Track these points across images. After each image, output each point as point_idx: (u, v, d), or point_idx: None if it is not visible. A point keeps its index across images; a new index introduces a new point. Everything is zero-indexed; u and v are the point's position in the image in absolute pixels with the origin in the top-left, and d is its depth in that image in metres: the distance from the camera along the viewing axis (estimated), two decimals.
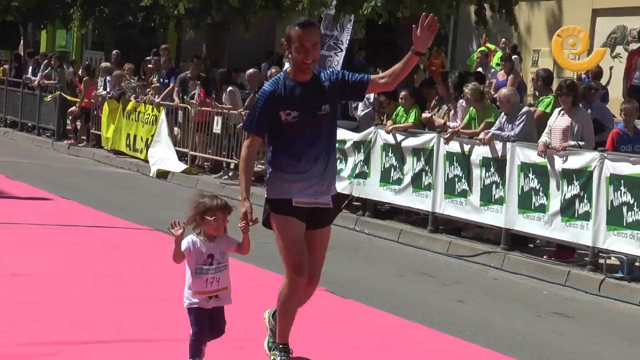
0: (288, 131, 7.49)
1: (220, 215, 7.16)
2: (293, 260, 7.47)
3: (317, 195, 7.54)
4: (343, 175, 18.05)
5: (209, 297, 7.19)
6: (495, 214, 15.01)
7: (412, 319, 10.14)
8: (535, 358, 9.04)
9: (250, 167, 7.67)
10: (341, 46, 19.43)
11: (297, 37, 7.32)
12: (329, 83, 7.57)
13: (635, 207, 12.84)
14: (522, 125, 14.90)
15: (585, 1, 25.80)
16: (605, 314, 11.93)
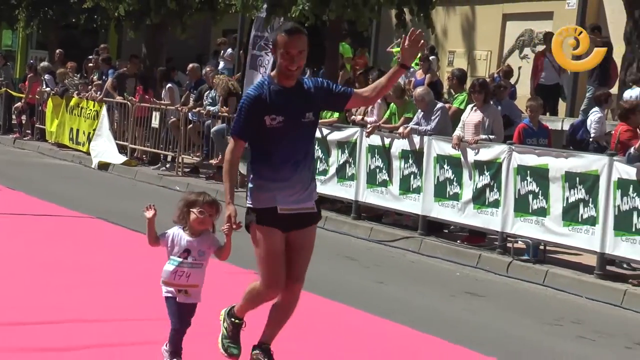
0: (272, 137, 6.92)
1: (207, 209, 6.84)
2: (270, 275, 6.97)
3: (300, 202, 7.01)
4: None
5: (178, 291, 6.83)
6: (413, 202, 15.17)
7: (336, 300, 10.21)
8: (449, 334, 9.11)
9: (234, 171, 7.11)
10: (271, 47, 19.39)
11: (283, 43, 6.79)
12: (314, 90, 7.05)
13: (540, 196, 13.08)
14: (437, 120, 15.08)
15: (497, 7, 26.03)
16: (512, 293, 12.11)
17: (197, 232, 6.87)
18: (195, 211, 6.82)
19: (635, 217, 11.90)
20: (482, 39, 26.58)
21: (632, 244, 11.94)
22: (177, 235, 6.90)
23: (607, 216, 12.20)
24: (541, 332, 9.98)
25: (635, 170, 11.95)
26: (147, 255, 12.00)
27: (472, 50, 26.80)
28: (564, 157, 13.04)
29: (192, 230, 6.87)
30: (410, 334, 9.14)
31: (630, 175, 12.01)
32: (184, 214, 6.89)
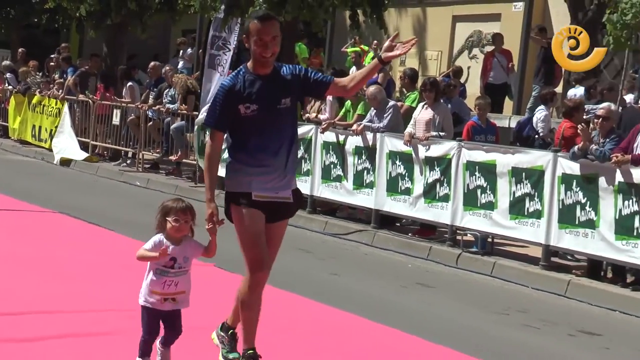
0: (247, 125, 6.73)
1: (182, 216, 6.50)
2: (255, 254, 6.72)
3: (277, 190, 6.78)
4: None
5: (164, 299, 6.54)
6: (366, 197, 15.23)
7: (292, 291, 10.22)
8: (401, 324, 9.15)
9: (214, 165, 6.80)
10: (229, 46, 19.41)
11: (255, 30, 6.60)
12: (291, 77, 6.83)
13: (488, 190, 13.18)
14: (389, 118, 15.13)
15: (446, 9, 26.15)
16: (461, 283, 12.20)
17: (177, 240, 6.59)
18: (170, 220, 6.54)
19: (578, 211, 12.03)
20: (432, 40, 26.68)
21: (576, 236, 12.07)
22: (160, 245, 6.59)
23: (552, 210, 12.32)
24: (489, 321, 10.05)
25: (578, 166, 12.09)
26: (107, 248, 12.06)
27: (423, 51, 26.89)
28: (510, 153, 13.15)
29: (172, 238, 6.58)
30: (364, 324, 9.17)
31: (574, 171, 12.14)
32: (162, 223, 6.61)
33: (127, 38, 26.49)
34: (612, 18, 15.07)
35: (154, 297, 6.53)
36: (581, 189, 12.03)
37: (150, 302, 6.54)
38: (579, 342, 9.55)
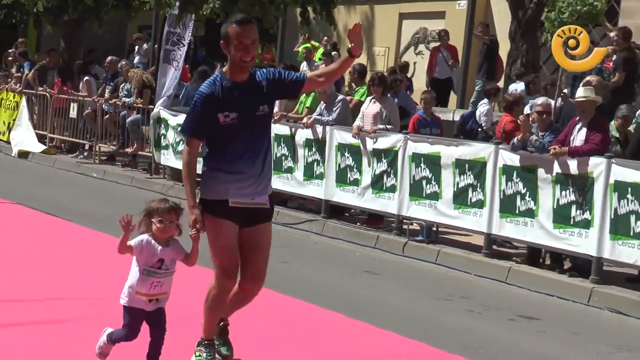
0: (226, 133, 6.45)
1: (166, 217, 6.21)
2: (225, 265, 6.55)
3: (254, 196, 6.55)
4: None
5: (149, 300, 6.28)
6: (316, 187, 15.25)
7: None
8: (349, 310, 9.20)
9: (193, 171, 6.53)
10: (183, 42, 19.37)
11: (235, 34, 6.31)
12: (266, 82, 6.56)
13: (433, 181, 13.26)
14: (338, 111, 15.17)
15: (393, 6, 26.25)
16: (407, 271, 12.26)
17: (165, 241, 6.30)
18: (155, 221, 6.23)
19: (518, 200, 12.15)
20: (380, 36, 26.79)
21: (516, 225, 12.19)
22: (148, 244, 6.27)
23: (494, 199, 12.43)
24: (433, 307, 10.13)
25: (518, 158, 12.20)
26: (64, 238, 11.99)
27: (372, 47, 26.97)
28: (454, 145, 13.23)
29: (159, 240, 6.28)
30: (313, 310, 9.21)
31: (514, 162, 12.25)
32: (147, 224, 6.29)
33: (84, 33, 26.27)
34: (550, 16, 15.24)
35: (139, 298, 6.27)
36: (521, 179, 12.15)
37: (135, 302, 6.28)
38: (519, 326, 9.65)
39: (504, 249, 13.07)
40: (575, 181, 11.52)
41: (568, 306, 10.82)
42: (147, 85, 20.10)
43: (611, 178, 11.11)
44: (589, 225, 11.32)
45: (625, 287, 11.15)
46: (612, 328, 9.90)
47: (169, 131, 18.59)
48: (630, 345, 9.19)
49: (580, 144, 11.59)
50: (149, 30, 28.35)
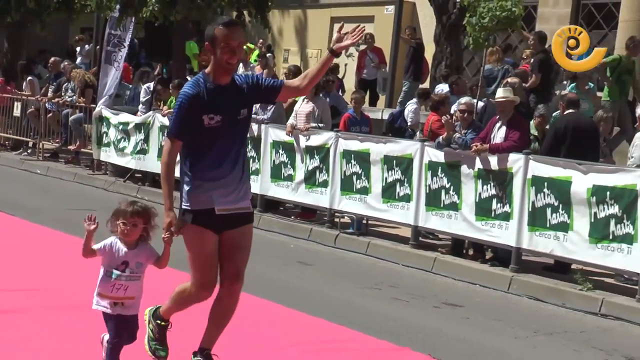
0: (209, 136, 6.03)
1: (130, 220, 5.82)
2: (204, 277, 6.17)
3: (237, 202, 6.18)
4: (126, 151, 17.92)
5: (114, 303, 5.85)
6: (252, 183, 14.93)
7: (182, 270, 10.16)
8: (283, 299, 9.19)
9: (171, 173, 6.09)
10: (124, 44, 19.23)
11: (222, 36, 5.91)
12: (246, 86, 6.18)
13: (363, 176, 13.31)
14: (272, 110, 15.14)
15: (325, 11, 26.31)
16: (339, 262, 12.29)
17: (132, 244, 5.91)
18: (119, 223, 5.85)
19: (443, 195, 12.24)
20: (312, 39, 26.81)
21: (441, 218, 12.28)
22: (115, 246, 5.88)
23: (420, 194, 12.50)
24: (363, 295, 10.17)
25: (443, 154, 12.29)
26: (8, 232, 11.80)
27: (305, 49, 27.01)
28: (383, 142, 13.29)
29: (125, 242, 5.89)
30: (249, 299, 9.12)
31: (439, 159, 12.34)
32: (114, 225, 5.90)
33: (27, 35, 25.89)
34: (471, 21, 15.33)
35: (105, 301, 5.87)
36: (445, 175, 12.24)
37: (102, 305, 5.89)
38: (443, 313, 9.72)
39: (429, 241, 13.17)
40: (495, 176, 11.64)
41: (489, 294, 10.93)
42: (90, 85, 19.96)
43: (529, 173, 11.24)
44: (508, 218, 11.44)
45: (542, 275, 11.30)
46: (530, 314, 10.02)
47: (110, 129, 18.45)
48: (546, 329, 9.32)
49: (500, 142, 11.71)
50: (91, 32, 28.03)
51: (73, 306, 7.91)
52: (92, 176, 18.68)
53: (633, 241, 10.15)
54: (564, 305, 10.37)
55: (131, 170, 17.86)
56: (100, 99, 19.05)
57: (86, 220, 5.83)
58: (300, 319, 8.55)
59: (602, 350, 8.61)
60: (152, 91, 18.36)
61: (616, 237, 10.34)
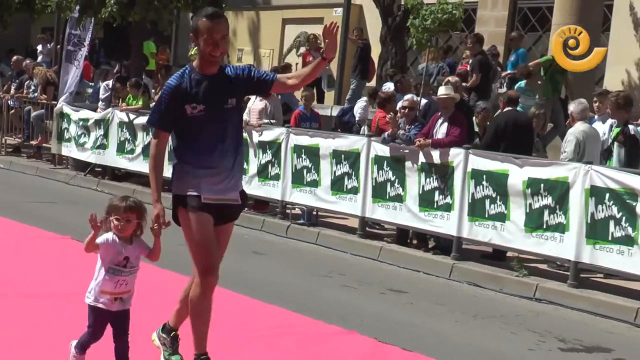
0: (194, 125, 5.78)
1: (123, 216, 5.54)
2: (206, 259, 5.82)
3: (225, 192, 5.89)
4: (87, 146, 17.78)
5: (114, 299, 5.61)
6: None
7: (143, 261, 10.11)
8: (236, 285, 9.16)
9: (160, 165, 5.85)
10: (84, 43, 19.08)
11: (205, 29, 5.65)
12: (235, 76, 5.92)
13: (313, 170, 13.33)
14: None
15: (277, 12, 26.27)
16: (291, 251, 12.31)
17: (128, 239, 5.64)
18: (113, 219, 5.58)
19: (388, 187, 12.31)
20: (265, 39, 26.77)
21: (387, 209, 12.35)
22: (115, 242, 5.61)
23: (367, 186, 12.56)
24: (314, 283, 10.20)
25: (388, 149, 12.36)
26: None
27: (258, 49, 26.95)
28: (331, 138, 13.33)
29: (122, 238, 5.62)
30: None
31: (385, 153, 12.40)
32: (108, 222, 5.62)
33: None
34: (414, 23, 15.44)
35: (104, 298, 5.60)
36: (391, 168, 12.30)
37: (101, 302, 5.60)
38: (389, 299, 9.79)
39: (376, 231, 13.23)
40: (437, 170, 11.73)
41: (432, 280, 11.02)
42: (51, 82, 19.77)
43: (469, 167, 11.35)
44: (450, 209, 11.54)
45: (481, 262, 11.41)
46: (470, 299, 10.13)
47: (71, 125, 18.30)
48: (484, 313, 9.42)
49: (442, 137, 11.80)
50: (52, 31, 27.74)
51: (33, 295, 7.86)
52: (54, 170, 18.51)
53: (565, 230, 10.31)
54: (501, 291, 10.49)
55: (91, 164, 17.72)
56: (61, 96, 18.88)
57: (90, 220, 5.52)
58: (253, 306, 8.56)
59: (536, 332, 8.74)
60: (110, 88, 18.24)
61: (549, 226, 10.49)
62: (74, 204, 14.86)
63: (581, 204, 10.14)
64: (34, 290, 8.10)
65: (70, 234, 11.17)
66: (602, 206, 9.99)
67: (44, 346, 6.61)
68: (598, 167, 10.24)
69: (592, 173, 10.11)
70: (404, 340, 7.82)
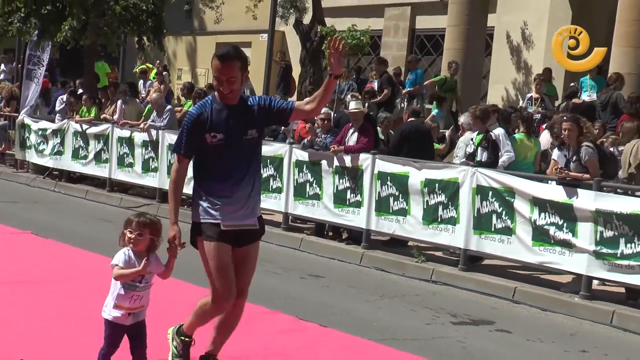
0: (213, 154, 5.19)
1: (136, 229, 4.99)
2: (222, 287, 5.22)
3: (243, 219, 5.27)
4: (45, 153, 17.39)
5: (128, 313, 5.02)
6: (152, 178, 14.93)
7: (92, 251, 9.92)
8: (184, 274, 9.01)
9: (179, 189, 5.31)
10: (43, 62, 18.72)
11: (215, 68, 5.13)
12: (257, 108, 5.29)
13: None
14: (167, 119, 14.88)
15: (211, 37, 26.09)
16: None
17: (143, 254, 5.03)
18: (126, 232, 5.03)
19: (307, 187, 12.27)
20: (201, 60, 26.58)
21: (306, 206, 12.31)
22: (130, 258, 5.02)
23: (289, 187, 12.50)
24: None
25: (307, 154, 12.32)
26: None
27: (195, 68, 26.76)
28: None
29: (137, 253, 5.03)
30: None
31: (305, 158, 12.36)
32: (122, 235, 5.09)
33: None
34: None
35: (119, 312, 5.01)
36: (309, 171, 12.27)
37: (115, 317, 5.00)
38: (309, 283, 9.75)
39: (297, 224, 13.17)
40: (349, 172, 11.74)
41: (345, 266, 11.01)
42: (15, 97, 19.36)
43: (375, 169, 11.38)
44: (360, 205, 11.55)
45: (386, 250, 11.45)
46: (377, 282, 10.14)
47: (31, 134, 17.90)
48: (389, 294, 9.44)
49: (353, 144, 11.82)
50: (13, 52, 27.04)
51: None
52: (16, 174, 18.03)
53: (456, 223, 10.41)
54: (404, 275, 10.54)
55: (49, 168, 17.33)
56: (23, 109, 18.50)
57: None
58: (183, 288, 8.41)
59: (432, 309, 8.79)
60: (65, 102, 17.91)
61: (443, 219, 10.58)
62: (34, 203, 14.54)
63: (469, 200, 10.25)
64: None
65: (30, 229, 10.91)
66: (486, 202, 10.12)
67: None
68: (483, 169, 10.35)
69: (478, 174, 10.23)
70: (320, 317, 7.79)
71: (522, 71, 19.74)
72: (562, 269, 9.52)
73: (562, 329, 8.43)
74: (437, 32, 20.82)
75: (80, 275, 8.63)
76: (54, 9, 17.66)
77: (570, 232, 9.27)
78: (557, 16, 18.95)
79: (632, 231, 8.74)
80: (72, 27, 17.33)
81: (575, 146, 9.62)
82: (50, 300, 7.40)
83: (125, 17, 17.92)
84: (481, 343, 7.55)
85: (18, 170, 18.43)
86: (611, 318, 8.75)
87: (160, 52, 20.99)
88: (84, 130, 16.40)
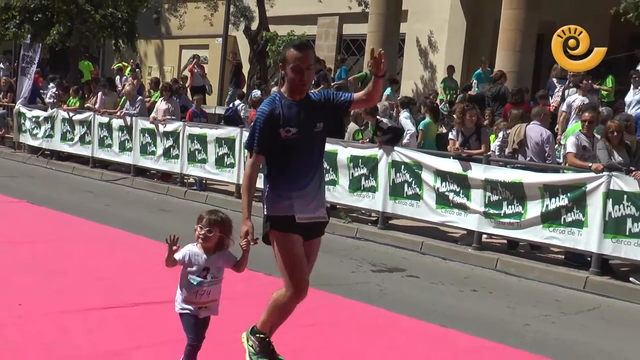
0: (286, 148, 4.33)
1: (206, 226, 4.20)
2: (298, 276, 4.33)
3: (315, 210, 4.40)
4: (38, 136, 16.88)
5: (199, 307, 4.18)
6: (127, 157, 14.56)
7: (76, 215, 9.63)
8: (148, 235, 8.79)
9: (252, 185, 4.36)
10: (34, 61, 18.18)
11: (293, 58, 4.27)
12: (319, 102, 4.47)
13: (202, 151, 12.98)
14: (139, 107, 14.56)
15: (175, 41, 25.62)
16: (187, 209, 11.75)
17: (211, 249, 4.23)
18: (198, 228, 4.24)
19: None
20: (167, 60, 26.06)
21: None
22: (194, 254, 4.23)
23: (240, 162, 12.28)
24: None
25: None
26: None
27: (162, 66, 26.19)
28: (215, 129, 13.04)
29: (205, 249, 4.23)
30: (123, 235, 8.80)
31: None
32: (195, 230, 4.28)
33: None
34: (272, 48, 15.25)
35: (190, 305, 4.19)
36: None
37: (187, 309, 4.19)
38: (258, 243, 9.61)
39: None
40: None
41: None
42: (12, 89, 18.79)
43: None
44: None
45: None
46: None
47: (26, 121, 17.38)
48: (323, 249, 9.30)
49: None
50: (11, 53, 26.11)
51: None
52: (14, 153, 17.46)
53: (375, 191, 10.41)
54: (334, 233, 10.49)
55: (42, 149, 16.81)
56: (18, 100, 17.94)
57: (167, 240, 4.20)
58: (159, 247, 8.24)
59: (356, 260, 8.79)
60: (55, 93, 17.43)
61: (365, 188, 10.56)
62: (29, 177, 14.10)
63: (385, 173, 10.25)
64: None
65: (26, 199, 10.58)
66: (400, 174, 10.13)
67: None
68: (398, 147, 10.35)
69: (393, 153, 10.23)
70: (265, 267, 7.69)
71: (428, 69, 19.87)
72: (459, 227, 9.62)
73: (458, 273, 8.53)
74: (360, 37, 20.77)
75: (69, 236, 8.39)
76: (44, 17, 17.31)
77: (465, 197, 9.37)
78: (455, 24, 19.09)
79: (512, 196, 8.88)
80: (59, 32, 16.90)
81: (473, 128, 9.74)
82: (44, 257, 7.17)
83: (103, 23, 17.53)
84: (395, 286, 7.58)
85: (16, 150, 17.85)
86: (496, 264, 8.90)
87: (133, 52, 20.51)
88: (71, 117, 15.92)
